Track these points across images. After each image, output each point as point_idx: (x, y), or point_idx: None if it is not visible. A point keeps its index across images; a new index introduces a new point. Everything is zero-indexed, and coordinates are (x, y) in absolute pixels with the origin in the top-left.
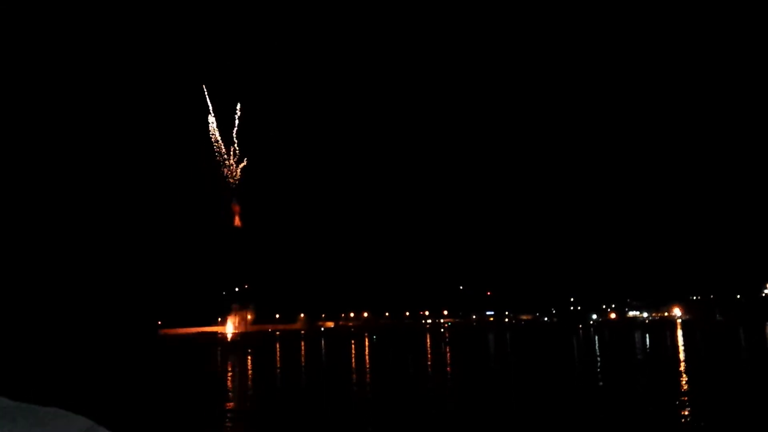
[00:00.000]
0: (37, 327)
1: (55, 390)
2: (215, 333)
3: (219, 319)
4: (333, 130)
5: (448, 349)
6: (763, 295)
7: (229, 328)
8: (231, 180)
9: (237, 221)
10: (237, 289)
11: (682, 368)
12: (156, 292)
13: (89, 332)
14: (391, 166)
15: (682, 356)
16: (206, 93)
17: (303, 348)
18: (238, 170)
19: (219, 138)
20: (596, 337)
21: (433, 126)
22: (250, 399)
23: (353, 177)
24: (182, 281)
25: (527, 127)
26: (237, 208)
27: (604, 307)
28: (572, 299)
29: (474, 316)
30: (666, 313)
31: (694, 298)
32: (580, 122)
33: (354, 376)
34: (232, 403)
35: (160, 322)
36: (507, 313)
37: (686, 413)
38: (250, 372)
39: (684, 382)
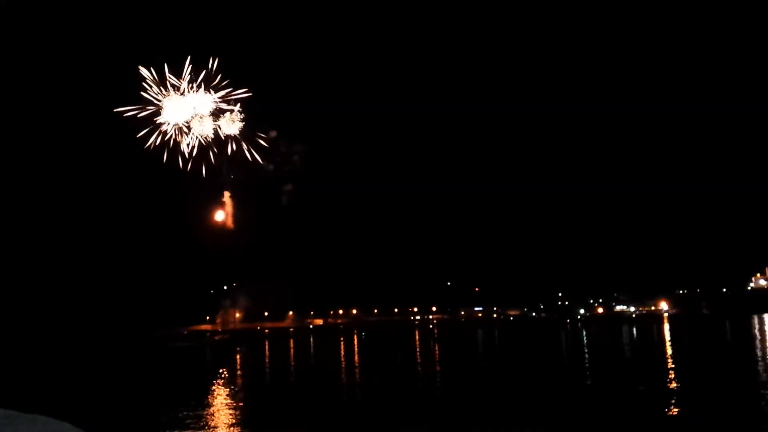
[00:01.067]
0: (22, 329)
1: (44, 395)
2: (204, 332)
3: (207, 318)
4: (322, 126)
5: (437, 346)
6: (749, 288)
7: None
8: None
9: (229, 222)
10: (225, 288)
11: (669, 362)
12: (144, 291)
13: (77, 334)
14: (378, 164)
15: (669, 351)
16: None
17: (292, 346)
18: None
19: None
20: (584, 332)
21: (422, 124)
22: (241, 398)
23: (341, 175)
24: (170, 280)
25: (515, 124)
26: (229, 209)
27: (591, 301)
28: (560, 294)
29: (462, 312)
30: (653, 307)
31: (681, 292)
32: (567, 119)
33: (342, 375)
34: (223, 401)
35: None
36: (495, 308)
37: (675, 412)
38: (239, 371)
39: (672, 378)
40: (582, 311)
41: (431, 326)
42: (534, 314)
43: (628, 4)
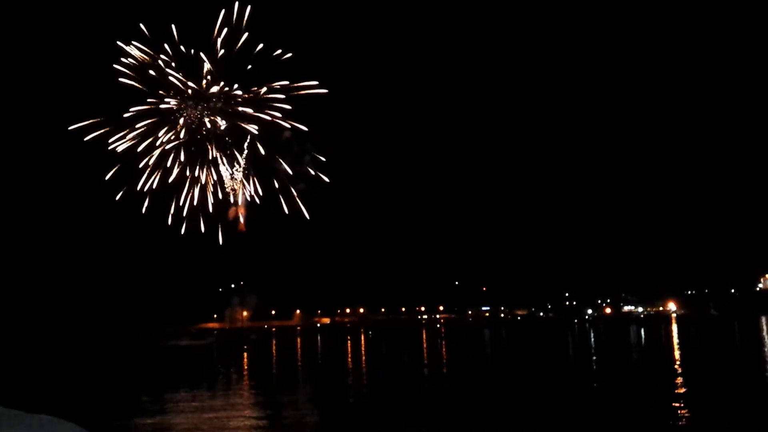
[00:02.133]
0: (26, 327)
1: (48, 395)
2: (212, 330)
3: (215, 316)
4: (326, 123)
5: (443, 345)
6: (757, 289)
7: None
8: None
9: (241, 225)
10: (233, 286)
11: (677, 365)
12: (152, 289)
13: (80, 333)
14: (384, 162)
15: (677, 353)
16: None
17: (299, 344)
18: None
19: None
20: (591, 333)
21: (428, 121)
22: (244, 398)
23: (349, 172)
24: (178, 278)
25: (521, 122)
26: (243, 211)
27: (599, 301)
28: (567, 294)
29: (470, 312)
30: (661, 308)
31: (689, 292)
32: (574, 117)
33: (348, 375)
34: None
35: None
36: (502, 308)
37: (684, 413)
38: (245, 370)
39: (680, 384)
40: (590, 311)
41: (438, 325)
42: (541, 314)
43: (629, 4)
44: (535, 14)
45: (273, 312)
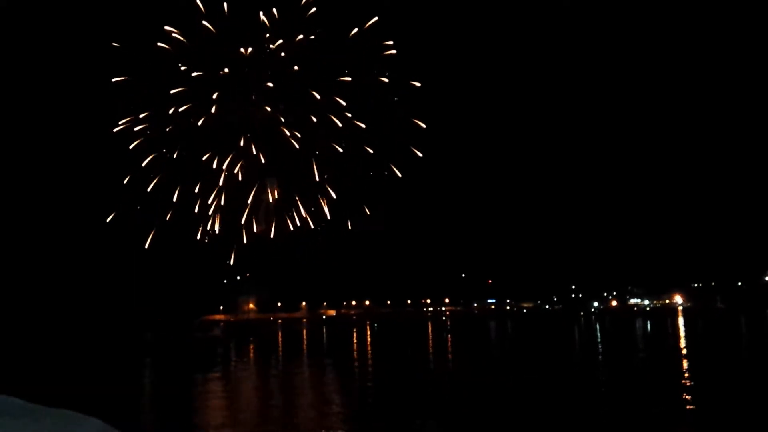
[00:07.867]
0: (29, 321)
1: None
2: (218, 321)
3: (222, 308)
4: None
5: (449, 338)
6: (765, 281)
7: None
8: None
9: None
10: (239, 278)
11: (684, 360)
12: (156, 281)
13: (84, 324)
14: (390, 156)
15: (683, 348)
16: None
17: (305, 336)
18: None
19: None
20: (597, 325)
21: (432, 114)
22: (250, 395)
23: (357, 165)
24: (183, 270)
25: (525, 116)
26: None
27: (605, 294)
28: (573, 287)
29: (475, 304)
30: (667, 301)
31: (696, 285)
32: (578, 111)
33: (354, 368)
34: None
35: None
36: (508, 301)
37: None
38: (252, 364)
39: (687, 377)
40: (596, 304)
41: (444, 318)
42: (547, 306)
43: (629, 4)
44: (534, 15)
45: (279, 304)
